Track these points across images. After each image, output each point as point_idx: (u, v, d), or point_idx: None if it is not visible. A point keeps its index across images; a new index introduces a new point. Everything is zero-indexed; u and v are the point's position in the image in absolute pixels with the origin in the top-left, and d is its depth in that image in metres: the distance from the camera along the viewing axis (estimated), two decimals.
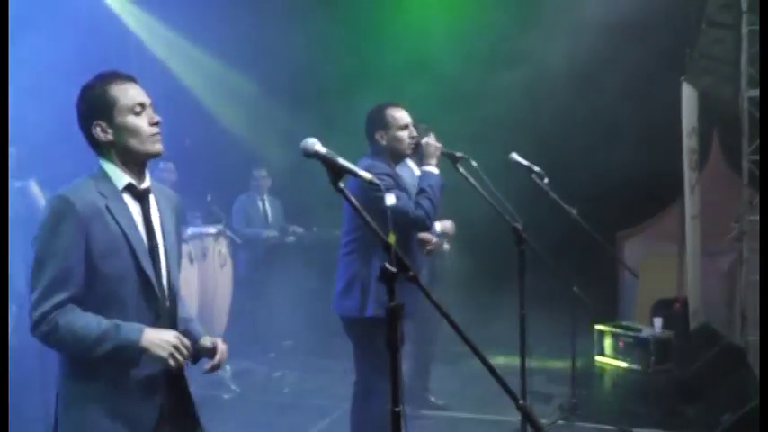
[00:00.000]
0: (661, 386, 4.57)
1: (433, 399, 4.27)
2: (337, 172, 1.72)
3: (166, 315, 1.86)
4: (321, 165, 1.74)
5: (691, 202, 4.83)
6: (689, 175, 4.80)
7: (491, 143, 4.09)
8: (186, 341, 1.79)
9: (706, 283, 5.10)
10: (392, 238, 1.61)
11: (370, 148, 3.02)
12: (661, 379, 4.69)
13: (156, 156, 1.85)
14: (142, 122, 1.81)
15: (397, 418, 1.62)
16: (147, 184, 1.88)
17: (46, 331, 1.70)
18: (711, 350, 4.30)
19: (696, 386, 4.11)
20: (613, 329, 5.15)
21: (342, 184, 1.72)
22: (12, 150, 4.00)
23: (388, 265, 1.58)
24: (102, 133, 1.80)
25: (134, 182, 1.84)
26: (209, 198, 5.25)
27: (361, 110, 3.10)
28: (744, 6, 4.29)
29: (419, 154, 3.10)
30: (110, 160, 1.83)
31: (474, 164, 3.87)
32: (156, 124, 1.83)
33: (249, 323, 5.30)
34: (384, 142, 2.97)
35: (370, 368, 2.94)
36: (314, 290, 4.96)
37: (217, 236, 5.17)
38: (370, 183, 1.75)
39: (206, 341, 1.98)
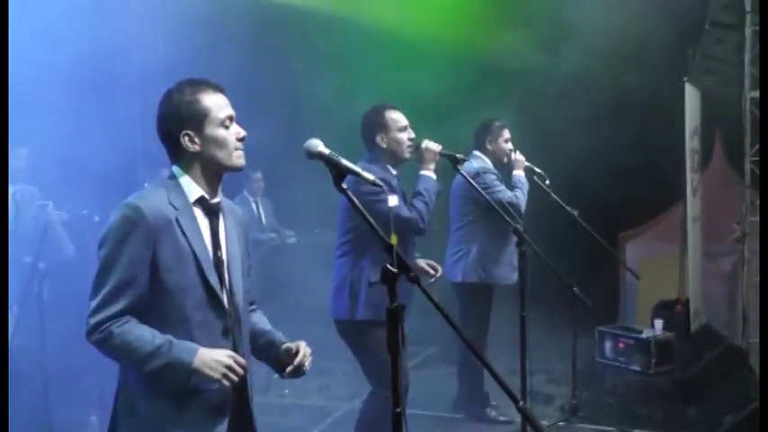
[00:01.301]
0: (662, 387, 4.56)
1: (488, 410, 4.04)
2: (340, 173, 1.71)
3: (233, 331, 1.82)
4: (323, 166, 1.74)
5: (692, 204, 4.82)
6: (691, 176, 4.79)
7: None
8: (241, 360, 1.75)
9: (707, 285, 5.10)
10: (394, 240, 1.60)
11: (368, 152, 3.00)
12: (662, 380, 4.68)
13: (238, 170, 1.84)
14: (230, 136, 1.80)
15: (397, 420, 1.62)
16: (218, 198, 1.86)
17: (100, 339, 1.69)
18: (713, 351, 4.30)
19: (697, 387, 4.11)
20: (614, 331, 5.14)
21: (344, 185, 1.71)
22: (23, 151, 4.00)
23: (389, 266, 1.58)
24: (190, 143, 1.78)
25: (206, 195, 1.81)
26: None
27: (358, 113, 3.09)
28: (747, 6, 4.28)
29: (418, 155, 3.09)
30: (186, 171, 1.80)
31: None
32: (242, 139, 1.83)
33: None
34: (384, 145, 2.97)
35: (367, 371, 2.99)
36: (314, 291, 4.95)
37: None
38: (373, 183, 1.75)
39: (286, 345, 1.92)
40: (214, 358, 1.70)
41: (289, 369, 1.87)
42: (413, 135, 3.00)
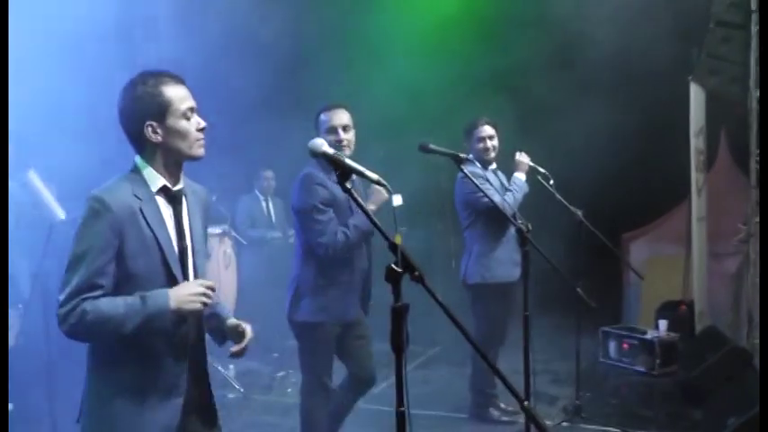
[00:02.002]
0: (666, 389, 4.55)
1: (503, 405, 4.09)
2: (345, 172, 1.72)
3: (193, 316, 1.89)
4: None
5: (697, 204, 4.80)
6: (696, 176, 4.77)
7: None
8: (209, 283, 1.85)
9: (712, 286, 5.07)
10: (398, 239, 1.60)
11: None
12: (666, 381, 4.67)
13: (198, 159, 1.89)
14: (191, 126, 1.86)
15: (401, 419, 1.61)
16: (180, 185, 1.91)
17: (74, 322, 1.72)
18: (717, 353, 4.27)
19: (701, 389, 4.09)
20: (618, 331, 5.12)
21: (349, 185, 1.71)
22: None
23: (393, 266, 1.57)
24: (153, 134, 1.83)
25: (168, 184, 1.87)
26: (214, 198, 5.24)
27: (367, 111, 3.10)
28: (752, 5, 4.26)
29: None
30: (149, 161, 1.86)
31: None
32: (202, 130, 1.88)
33: (253, 323, 5.28)
34: None
35: (302, 369, 3.13)
36: None
37: (222, 236, 5.16)
38: (377, 183, 1.75)
39: (232, 321, 2.04)
40: (188, 292, 1.80)
41: (233, 350, 2.00)
42: (341, 137, 2.93)
